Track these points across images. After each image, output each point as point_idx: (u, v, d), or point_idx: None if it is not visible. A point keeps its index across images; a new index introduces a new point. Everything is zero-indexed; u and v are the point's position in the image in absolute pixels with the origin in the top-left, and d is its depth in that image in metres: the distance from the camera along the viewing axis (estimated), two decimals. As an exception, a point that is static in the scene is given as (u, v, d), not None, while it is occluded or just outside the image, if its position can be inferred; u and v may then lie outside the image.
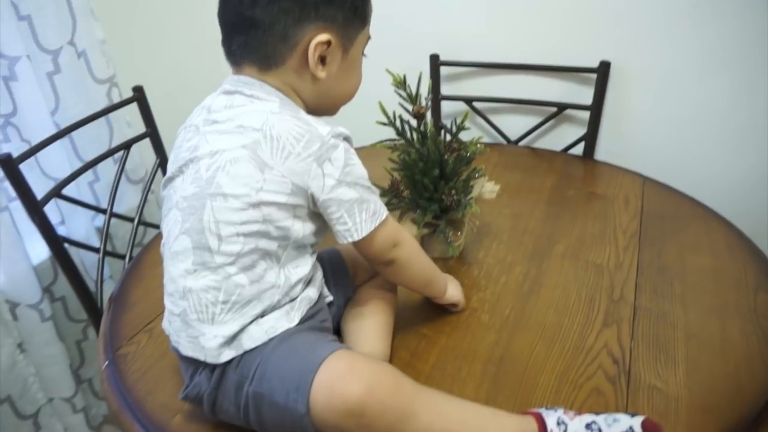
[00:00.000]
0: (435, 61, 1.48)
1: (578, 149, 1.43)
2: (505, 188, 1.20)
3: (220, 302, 0.65)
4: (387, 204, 0.97)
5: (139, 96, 1.34)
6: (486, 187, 1.02)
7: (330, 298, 0.79)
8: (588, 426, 0.63)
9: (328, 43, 0.69)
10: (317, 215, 0.70)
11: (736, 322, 0.84)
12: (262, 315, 0.67)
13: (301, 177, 0.65)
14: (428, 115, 0.96)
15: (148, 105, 1.36)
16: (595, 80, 1.35)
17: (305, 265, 0.71)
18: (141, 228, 1.35)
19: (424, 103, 0.97)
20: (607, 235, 1.06)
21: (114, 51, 1.48)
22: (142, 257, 1.09)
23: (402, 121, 0.99)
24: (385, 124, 0.98)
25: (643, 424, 0.62)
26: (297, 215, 0.68)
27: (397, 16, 1.49)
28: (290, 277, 0.69)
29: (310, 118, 0.69)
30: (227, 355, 0.66)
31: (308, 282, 0.73)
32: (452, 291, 0.87)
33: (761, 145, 1.24)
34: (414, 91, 0.97)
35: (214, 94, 0.73)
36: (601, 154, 1.41)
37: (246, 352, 0.66)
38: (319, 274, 0.76)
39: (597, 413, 0.65)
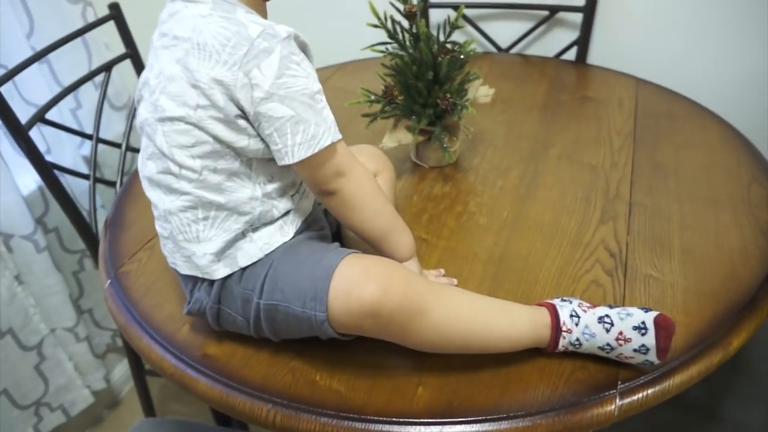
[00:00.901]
0: (421, -32, 1.42)
1: (570, 54, 1.40)
2: (498, 96, 1.18)
3: (201, 219, 0.64)
4: (381, 111, 0.96)
5: (115, 14, 1.28)
6: (480, 91, 1.00)
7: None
8: (600, 319, 0.62)
9: None
10: None
11: (729, 213, 0.85)
12: (253, 229, 0.66)
13: (228, 88, 0.59)
14: (419, 15, 0.93)
15: (125, 23, 1.30)
16: (588, -20, 1.30)
17: (283, 174, 0.67)
18: (129, 154, 1.32)
19: (415, 1, 0.93)
20: (601, 136, 1.05)
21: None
22: (134, 180, 1.07)
23: (393, 22, 0.96)
24: (375, 26, 0.95)
25: (656, 320, 0.60)
26: (245, 132, 0.62)
27: None
28: (267, 189, 0.66)
29: (248, 17, 0.61)
30: (222, 271, 0.66)
31: (298, 191, 0.70)
32: (408, 257, 0.73)
33: (757, 43, 1.22)
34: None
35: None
36: (595, 58, 1.38)
37: (246, 268, 0.66)
38: None
39: (611, 306, 0.64)
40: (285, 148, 0.61)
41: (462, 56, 0.95)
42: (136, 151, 1.38)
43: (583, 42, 1.37)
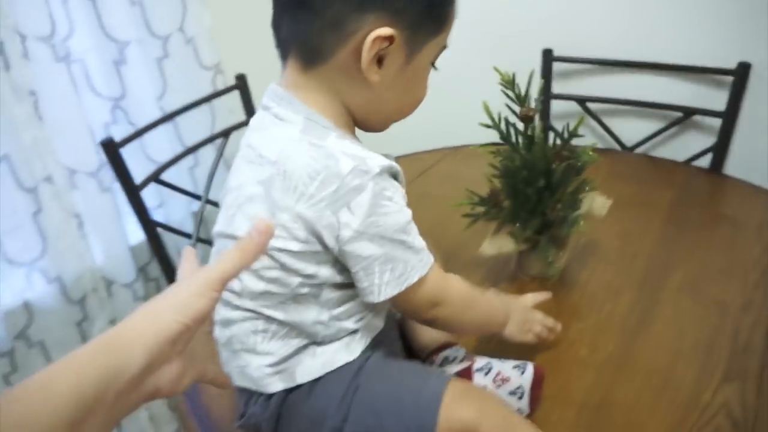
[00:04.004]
0: (548, 57, 1.37)
1: (704, 161, 1.27)
2: (616, 202, 1.08)
3: (260, 331, 0.61)
4: (484, 214, 0.90)
5: (240, 84, 1.34)
6: (596, 202, 0.91)
7: (399, 314, 0.73)
8: None
9: (390, 39, 0.55)
10: None
11: None
12: (318, 344, 0.62)
13: (312, 224, 0.56)
14: (537, 118, 0.88)
15: (249, 93, 1.36)
16: (731, 84, 1.19)
17: (355, 298, 0.62)
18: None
19: (533, 104, 0.88)
20: (734, 267, 0.92)
21: (221, 37, 1.49)
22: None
23: (507, 123, 0.91)
24: (489, 126, 0.90)
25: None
26: (321, 261, 0.58)
27: (508, 5, 1.39)
28: (334, 312, 0.61)
29: (340, 147, 0.56)
30: (277, 385, 0.62)
31: (371, 310, 0.64)
32: (510, 329, 0.72)
33: None
34: (523, 91, 0.88)
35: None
36: (732, 168, 1.25)
37: (316, 384, 0.62)
38: None
39: None
40: (372, 287, 0.58)
41: (579, 164, 0.88)
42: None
43: (720, 149, 1.24)
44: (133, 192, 1.07)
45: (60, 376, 0.37)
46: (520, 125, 0.89)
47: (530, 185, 0.88)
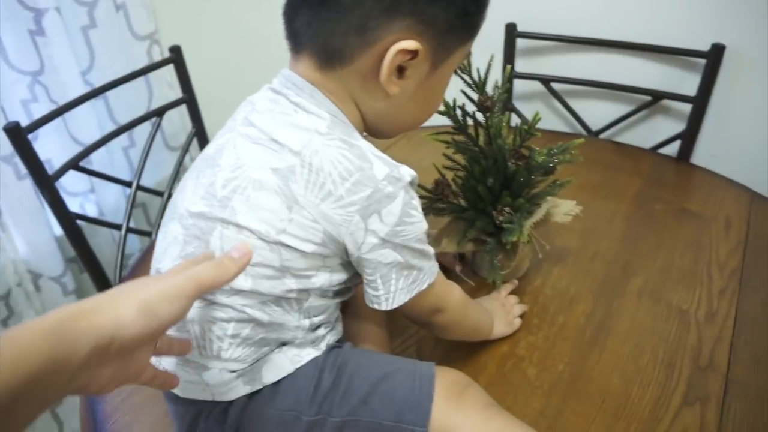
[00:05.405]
0: (511, 32, 1.27)
1: (672, 148, 1.20)
2: (579, 192, 1.01)
3: (229, 336, 0.54)
4: (426, 208, 0.82)
5: (175, 57, 1.21)
6: (562, 207, 0.82)
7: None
8: None
9: (414, 54, 0.52)
10: (352, 265, 0.58)
11: None
12: (285, 344, 0.58)
13: (336, 227, 0.52)
14: (500, 107, 0.79)
15: (185, 68, 1.23)
16: (704, 67, 1.11)
17: (330, 309, 0.61)
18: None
19: (492, 92, 0.79)
20: (699, 269, 0.86)
21: (157, 4, 1.37)
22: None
23: (464, 112, 0.82)
24: (441, 112, 0.81)
25: None
26: (325, 265, 0.55)
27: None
28: (315, 321, 0.59)
29: (369, 148, 0.54)
30: (240, 390, 0.55)
31: (337, 317, 0.64)
32: (499, 328, 0.75)
33: None
34: (483, 77, 0.79)
35: (264, 87, 0.58)
36: (701, 157, 1.18)
37: (279, 385, 0.56)
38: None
39: None
40: (387, 294, 0.56)
41: (541, 165, 0.79)
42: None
43: (689, 136, 1.17)
44: (45, 184, 0.96)
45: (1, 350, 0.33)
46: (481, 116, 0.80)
47: (481, 182, 0.80)
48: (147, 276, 0.47)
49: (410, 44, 0.51)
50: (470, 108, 0.81)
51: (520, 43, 1.29)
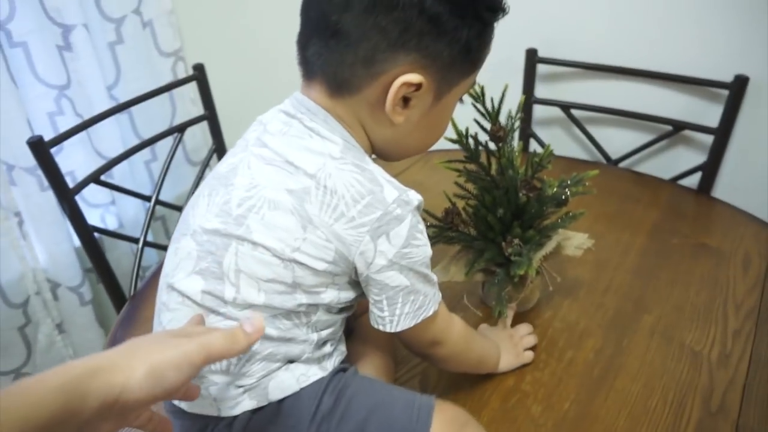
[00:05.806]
0: (531, 57, 1.27)
1: (692, 180, 1.18)
2: (595, 221, 1.00)
3: None
4: (435, 237, 0.81)
5: (198, 75, 1.23)
6: (574, 241, 0.81)
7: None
8: None
9: (418, 86, 0.55)
10: (359, 285, 0.59)
11: None
12: (292, 361, 0.59)
13: (347, 247, 0.54)
14: (514, 137, 0.79)
15: (207, 85, 1.25)
16: (726, 98, 1.09)
17: (336, 325, 0.62)
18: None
19: (505, 123, 0.79)
20: (714, 309, 0.84)
21: (182, 23, 1.39)
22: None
23: (477, 141, 0.81)
24: (453, 140, 0.81)
25: None
26: (334, 282, 0.57)
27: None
28: (322, 335, 0.60)
29: (382, 174, 0.56)
30: (245, 404, 0.56)
31: (340, 337, 0.65)
32: (506, 361, 0.75)
33: None
34: (496, 106, 0.79)
35: (275, 109, 0.61)
36: (722, 190, 1.16)
37: (280, 403, 0.57)
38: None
39: None
40: (392, 317, 0.58)
41: (553, 197, 0.78)
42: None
43: (710, 168, 1.15)
44: (65, 196, 0.98)
45: (13, 403, 0.36)
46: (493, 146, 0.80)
47: (491, 212, 0.79)
48: (162, 332, 0.50)
49: (414, 77, 0.54)
50: (483, 137, 0.81)
51: (541, 68, 1.28)
